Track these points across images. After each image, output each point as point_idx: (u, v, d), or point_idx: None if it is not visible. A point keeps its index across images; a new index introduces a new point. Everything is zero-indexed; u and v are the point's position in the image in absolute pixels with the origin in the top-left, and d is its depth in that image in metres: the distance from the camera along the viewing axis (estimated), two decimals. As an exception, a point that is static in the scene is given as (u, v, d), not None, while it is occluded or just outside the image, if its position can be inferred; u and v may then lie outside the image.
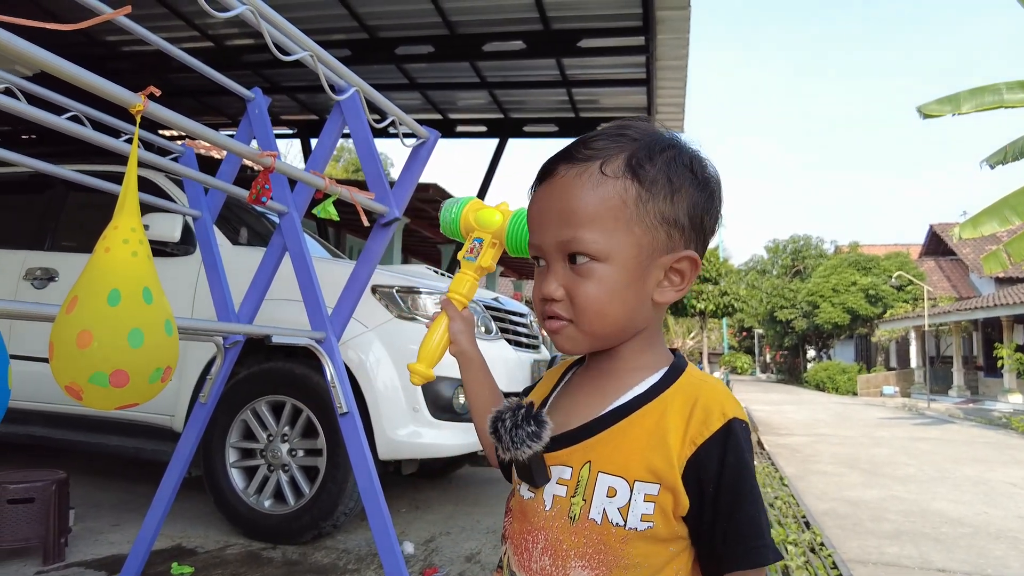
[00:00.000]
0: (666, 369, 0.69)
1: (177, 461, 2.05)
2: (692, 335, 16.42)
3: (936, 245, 28.59)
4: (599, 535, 0.64)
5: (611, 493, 0.64)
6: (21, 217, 3.93)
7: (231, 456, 3.07)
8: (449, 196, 7.94)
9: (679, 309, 8.01)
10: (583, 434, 0.67)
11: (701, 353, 10.52)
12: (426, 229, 10.48)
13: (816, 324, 27.56)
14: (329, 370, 1.81)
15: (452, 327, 0.87)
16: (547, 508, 0.67)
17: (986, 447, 8.35)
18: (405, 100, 7.44)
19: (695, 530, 0.65)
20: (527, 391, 0.81)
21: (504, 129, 7.92)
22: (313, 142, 8.33)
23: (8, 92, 1.65)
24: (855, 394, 22.42)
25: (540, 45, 5.91)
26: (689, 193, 0.68)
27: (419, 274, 3.85)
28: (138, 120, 1.15)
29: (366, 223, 1.79)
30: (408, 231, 10.56)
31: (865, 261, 26.71)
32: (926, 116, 9.22)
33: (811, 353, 32.74)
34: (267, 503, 3.01)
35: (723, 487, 0.63)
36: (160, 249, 3.36)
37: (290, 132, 8.45)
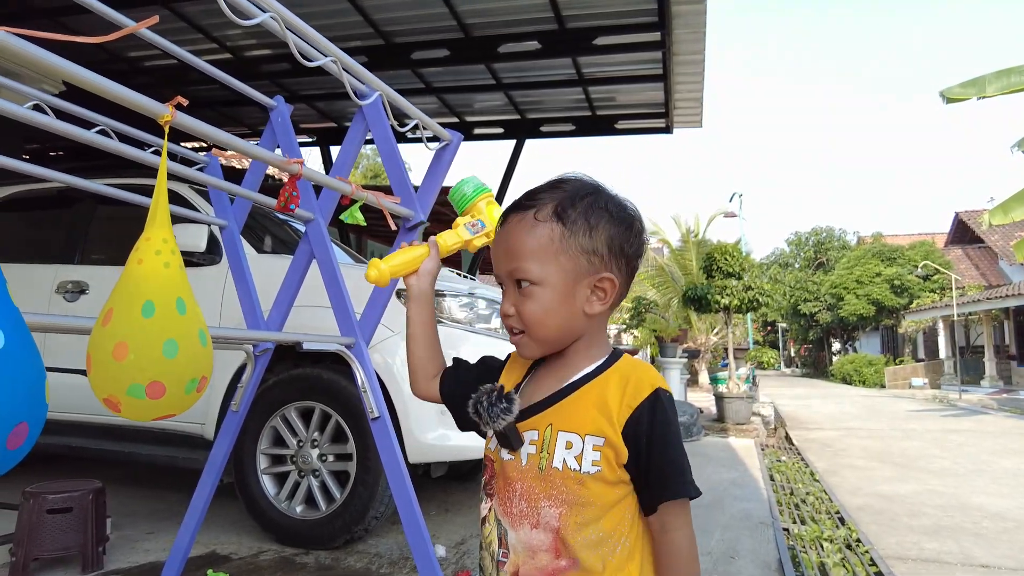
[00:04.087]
0: (605, 357, 0.90)
1: (210, 469, 2.07)
2: (715, 331, 16.22)
3: (962, 233, 28.03)
4: (561, 479, 0.84)
5: (568, 446, 0.84)
6: (51, 232, 4.00)
7: (262, 462, 3.09)
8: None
9: (703, 305, 7.87)
10: (546, 404, 0.88)
11: (726, 349, 10.38)
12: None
13: (840, 317, 27.16)
14: (360, 376, 1.81)
15: (426, 263, 1.03)
16: (523, 464, 0.87)
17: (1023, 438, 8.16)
18: (422, 104, 7.45)
19: (634, 474, 0.84)
20: (494, 366, 1.01)
21: (521, 130, 7.90)
22: (333, 150, 8.39)
23: (37, 109, 1.67)
24: (883, 386, 22.06)
25: (555, 44, 5.88)
26: (606, 228, 0.88)
27: (443, 276, 3.85)
28: (166, 131, 1.15)
29: (393, 227, 1.79)
30: (427, 234, 10.56)
31: (889, 251, 26.27)
32: (949, 100, 9.02)
33: (836, 346, 32.27)
34: (299, 509, 3.03)
35: (652, 439, 0.82)
36: (186, 259, 3.39)
37: (309, 140, 8.52)
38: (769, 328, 40.47)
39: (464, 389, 0.93)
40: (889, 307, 25.45)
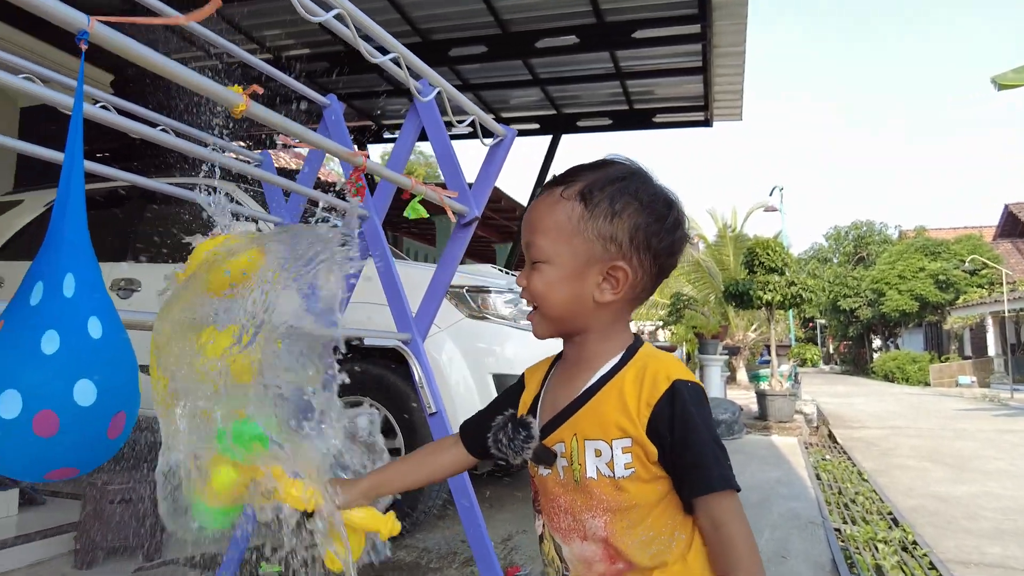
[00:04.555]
0: (622, 354, 0.86)
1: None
2: (754, 327, 15.94)
3: (1012, 226, 27.10)
4: (598, 488, 0.82)
5: (597, 454, 0.82)
6: (103, 232, 4.11)
7: (312, 457, 3.13)
8: (505, 196, 7.90)
9: (744, 301, 7.72)
10: (567, 414, 0.85)
11: (766, 346, 10.19)
12: (480, 229, 10.53)
13: (882, 312, 26.48)
14: (417, 371, 1.82)
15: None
16: (560, 478, 0.85)
17: (1081, 438, 7.85)
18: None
19: (667, 471, 0.81)
20: (511, 393, 0.98)
21: (558, 125, 7.87)
22: (369, 149, 8.46)
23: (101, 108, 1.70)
24: (927, 384, 21.45)
25: (593, 39, 5.84)
26: (631, 217, 0.84)
27: (486, 273, 3.86)
28: (238, 116, 1.16)
29: (453, 220, 1.79)
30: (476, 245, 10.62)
31: (933, 246, 25.52)
32: (1002, 87, 8.69)
33: (877, 343, 31.50)
34: (348, 503, 3.06)
35: (676, 434, 0.78)
36: (236, 257, 3.46)
37: (347, 139, 8.61)
38: (809, 325, 39.67)
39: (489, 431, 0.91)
40: (933, 303, 24.73)
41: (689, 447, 0.78)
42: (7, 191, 4.93)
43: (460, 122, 1.69)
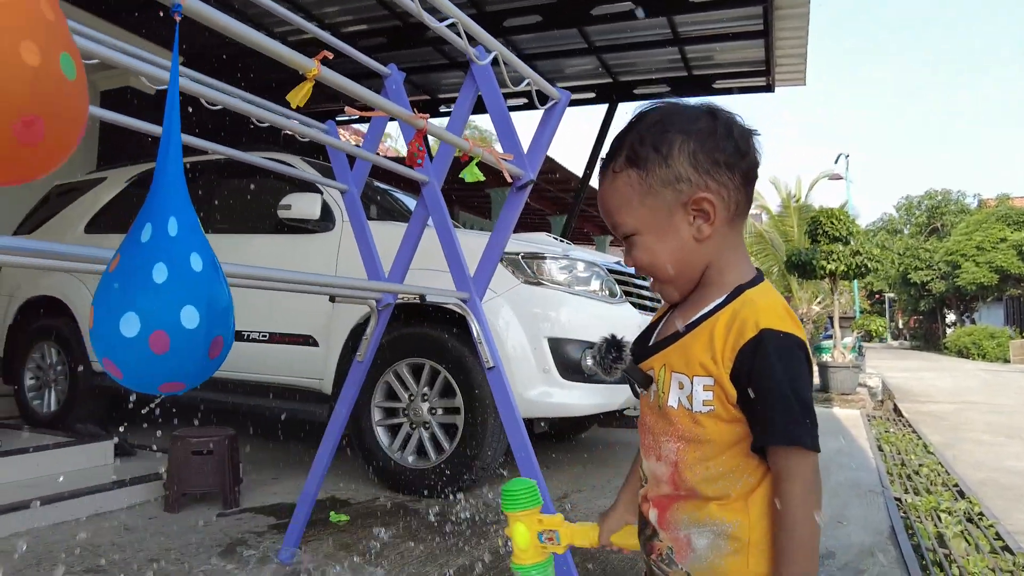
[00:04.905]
0: (727, 294, 0.85)
1: (337, 417, 2.23)
2: (818, 300, 15.47)
3: (1105, 193, 25.19)
4: (676, 417, 0.85)
5: (680, 386, 0.85)
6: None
7: (376, 415, 3.29)
8: (560, 167, 7.86)
9: (806, 271, 7.48)
10: (663, 345, 0.89)
11: (829, 319, 9.85)
12: (536, 201, 10.55)
13: (957, 286, 25.21)
14: (475, 328, 1.90)
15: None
16: (650, 400, 0.90)
17: None
18: (512, 72, 7.45)
19: (746, 415, 0.81)
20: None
21: (614, 93, 7.77)
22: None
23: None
24: (1007, 361, 20.40)
25: (651, 3, 5.73)
26: (682, 149, 0.84)
27: (542, 241, 3.91)
28: (311, 82, 1.24)
29: (510, 181, 1.85)
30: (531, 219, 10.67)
31: (1017, 215, 24.03)
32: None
33: (951, 317, 30.05)
34: (410, 459, 3.21)
35: (753, 382, 0.79)
36: (301, 227, 3.62)
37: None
38: (876, 298, 38.12)
39: None
40: (1016, 275, 23.37)
41: (762, 396, 0.79)
42: (91, 170, 5.26)
43: (516, 88, 1.74)
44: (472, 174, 1.70)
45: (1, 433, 3.38)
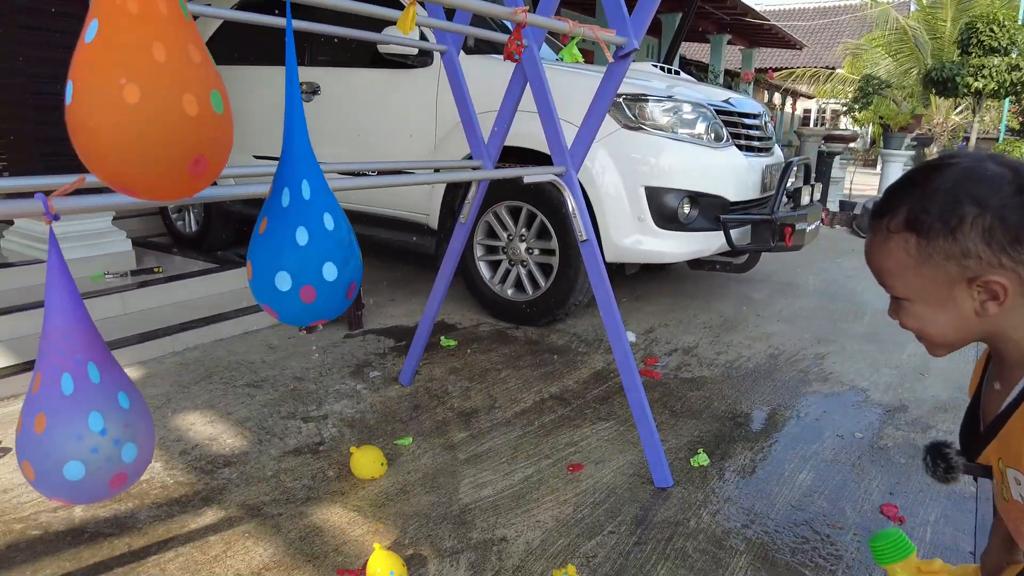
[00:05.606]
0: None
1: (444, 271, 2.45)
2: (958, 110, 13.78)
3: None
4: (1020, 511, 0.78)
5: (1017, 482, 0.77)
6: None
7: (478, 251, 3.54)
8: None
9: (947, 88, 6.60)
10: (990, 433, 0.81)
11: (967, 137, 8.88)
12: (699, 23, 9.60)
13: None
14: (570, 203, 1.98)
15: None
16: (995, 486, 0.84)
17: None
18: None
19: None
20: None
21: None
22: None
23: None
24: None
25: None
26: (976, 223, 0.72)
27: (646, 74, 3.73)
28: (414, 6, 1.26)
29: (610, 59, 1.80)
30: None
31: None
32: None
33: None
34: (509, 292, 3.50)
35: None
36: (400, 62, 3.62)
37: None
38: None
39: None
40: None
41: None
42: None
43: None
44: (571, 55, 1.67)
45: (158, 256, 3.92)
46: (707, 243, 3.30)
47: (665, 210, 3.15)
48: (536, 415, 2.46)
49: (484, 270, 3.55)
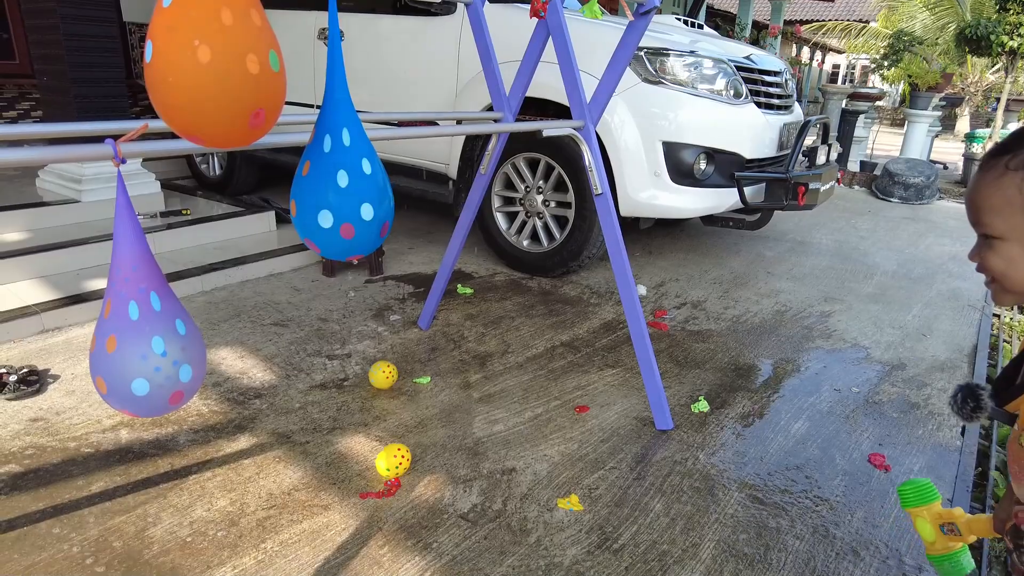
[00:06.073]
0: None
1: (468, 209, 2.54)
2: (994, 69, 13.36)
3: None
4: None
5: None
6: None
7: (495, 202, 3.62)
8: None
9: (981, 47, 6.42)
10: (1021, 389, 0.85)
11: (997, 99, 8.67)
12: None
13: None
14: (587, 156, 2.05)
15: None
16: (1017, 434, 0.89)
17: None
18: None
19: None
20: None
21: None
22: None
23: None
24: None
25: None
26: None
27: (669, 27, 3.72)
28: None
29: (631, 17, 1.84)
30: None
31: None
32: None
33: None
34: (525, 243, 3.59)
35: None
36: (424, 9, 3.64)
37: None
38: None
39: None
40: None
41: None
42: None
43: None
44: (591, 11, 1.72)
45: (183, 199, 4.03)
46: (721, 200, 3.36)
47: (681, 165, 3.20)
48: (547, 360, 2.58)
49: (501, 221, 3.63)
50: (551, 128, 1.95)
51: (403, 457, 1.79)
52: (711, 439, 2.09)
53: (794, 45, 18.10)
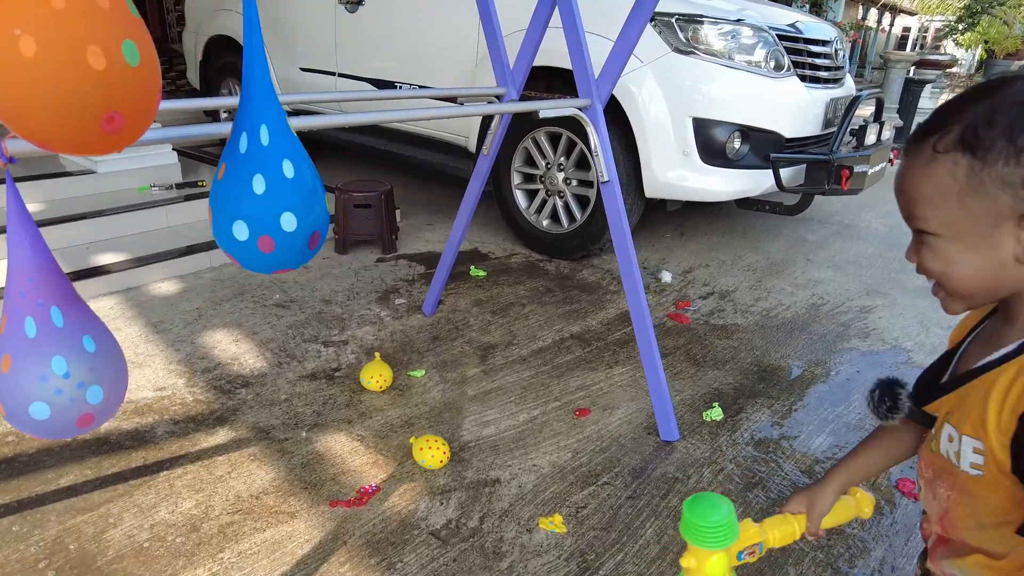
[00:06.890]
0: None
1: (468, 199, 2.39)
2: None
3: None
4: (944, 466, 0.75)
5: (950, 439, 0.74)
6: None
7: (515, 179, 3.44)
8: None
9: None
10: (947, 388, 0.76)
11: None
12: None
13: None
14: (593, 139, 1.86)
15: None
16: (929, 442, 0.81)
17: None
18: None
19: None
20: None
21: None
22: None
23: None
24: None
25: None
26: None
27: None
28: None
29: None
30: None
31: None
32: None
33: None
34: (545, 223, 3.41)
35: None
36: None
37: None
38: None
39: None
40: None
41: None
42: None
43: None
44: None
45: (200, 170, 3.98)
46: (756, 182, 3.10)
47: (713, 144, 2.95)
48: (553, 355, 2.43)
49: (520, 199, 3.46)
50: (551, 108, 1.77)
51: (443, 452, 1.77)
52: (719, 454, 1.92)
53: (860, 7, 16.99)
